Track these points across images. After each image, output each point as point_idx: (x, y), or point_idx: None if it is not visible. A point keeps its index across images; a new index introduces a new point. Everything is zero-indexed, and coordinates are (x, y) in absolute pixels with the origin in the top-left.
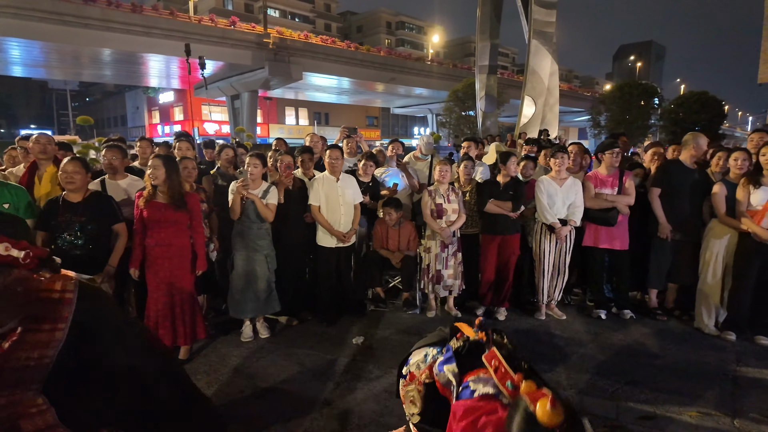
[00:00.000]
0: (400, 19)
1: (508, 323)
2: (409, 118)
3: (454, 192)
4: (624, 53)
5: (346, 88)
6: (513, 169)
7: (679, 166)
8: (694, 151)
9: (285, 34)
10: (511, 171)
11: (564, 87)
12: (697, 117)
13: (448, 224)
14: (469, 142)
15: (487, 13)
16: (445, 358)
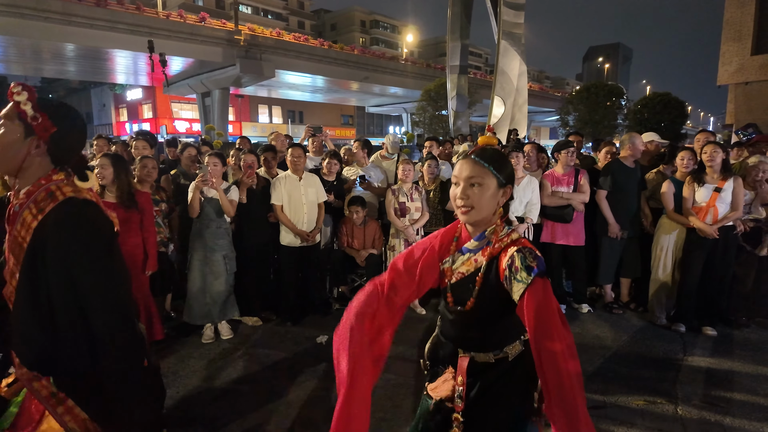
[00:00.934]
0: (374, 17)
1: None
2: (385, 117)
3: (417, 191)
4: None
5: (320, 87)
6: None
7: (620, 166)
8: (630, 150)
9: (257, 31)
10: None
11: (535, 87)
12: (660, 117)
13: (411, 222)
14: (431, 141)
15: (457, 14)
16: None
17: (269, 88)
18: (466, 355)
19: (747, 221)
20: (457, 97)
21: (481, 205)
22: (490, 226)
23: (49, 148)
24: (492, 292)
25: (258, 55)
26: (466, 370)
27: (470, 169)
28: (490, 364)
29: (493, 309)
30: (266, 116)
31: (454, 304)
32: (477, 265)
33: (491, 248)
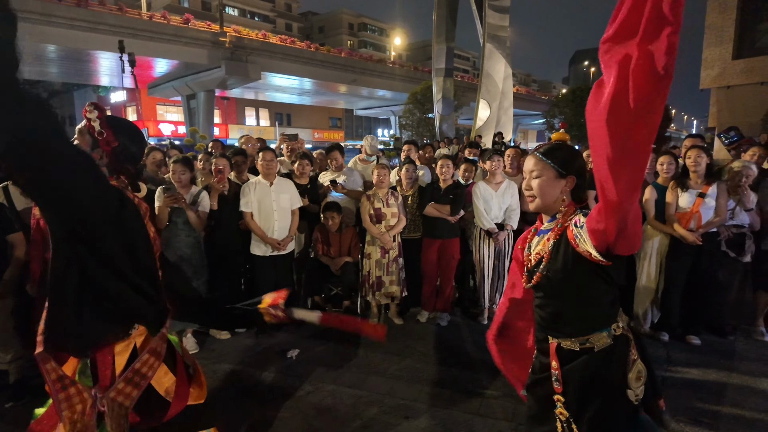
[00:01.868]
0: (362, 20)
1: (451, 329)
2: (373, 120)
3: (394, 196)
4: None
5: (308, 89)
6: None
7: None
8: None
9: (242, 33)
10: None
11: (522, 91)
12: None
13: (387, 229)
14: (409, 145)
15: (443, 17)
16: None
17: (256, 90)
18: (554, 341)
19: (730, 227)
20: (442, 100)
21: (542, 194)
22: (560, 211)
23: (110, 160)
24: (563, 264)
25: (244, 57)
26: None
27: (531, 163)
28: (576, 353)
29: (564, 285)
30: (253, 119)
31: (526, 284)
32: (548, 244)
33: (560, 225)
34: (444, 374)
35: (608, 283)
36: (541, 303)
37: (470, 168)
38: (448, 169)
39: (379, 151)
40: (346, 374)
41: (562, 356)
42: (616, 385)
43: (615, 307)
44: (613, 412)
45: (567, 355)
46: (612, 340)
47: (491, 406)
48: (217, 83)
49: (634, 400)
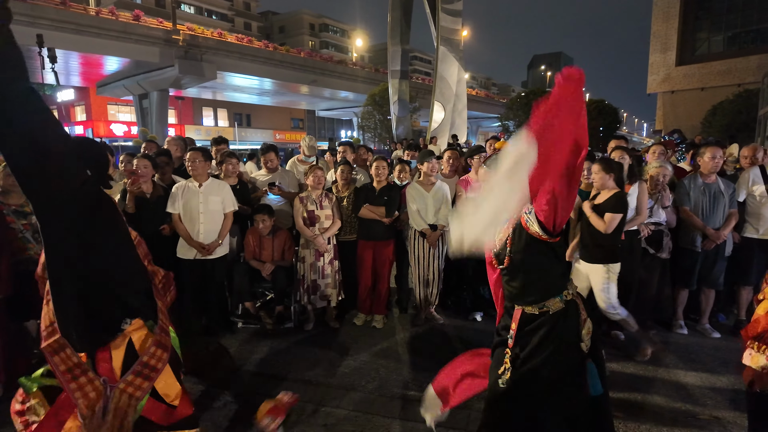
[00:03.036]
0: (323, 21)
1: (387, 331)
2: (335, 121)
3: (328, 198)
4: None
5: (268, 89)
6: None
7: None
8: None
9: (197, 30)
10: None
11: (481, 94)
12: (596, 123)
13: (321, 231)
14: (345, 146)
15: (397, 19)
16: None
17: (214, 90)
18: (519, 308)
19: (649, 224)
20: (398, 102)
21: None
22: None
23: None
24: (521, 246)
25: (198, 56)
26: (519, 320)
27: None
28: (536, 316)
29: (526, 263)
30: (211, 119)
31: (498, 265)
32: (508, 231)
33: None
34: (374, 377)
35: (558, 258)
36: (509, 279)
37: (405, 169)
38: (383, 170)
39: (317, 152)
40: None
41: (524, 320)
42: (571, 339)
43: (565, 278)
44: (568, 357)
45: (528, 318)
46: (564, 304)
47: (414, 410)
48: (170, 82)
49: (585, 349)
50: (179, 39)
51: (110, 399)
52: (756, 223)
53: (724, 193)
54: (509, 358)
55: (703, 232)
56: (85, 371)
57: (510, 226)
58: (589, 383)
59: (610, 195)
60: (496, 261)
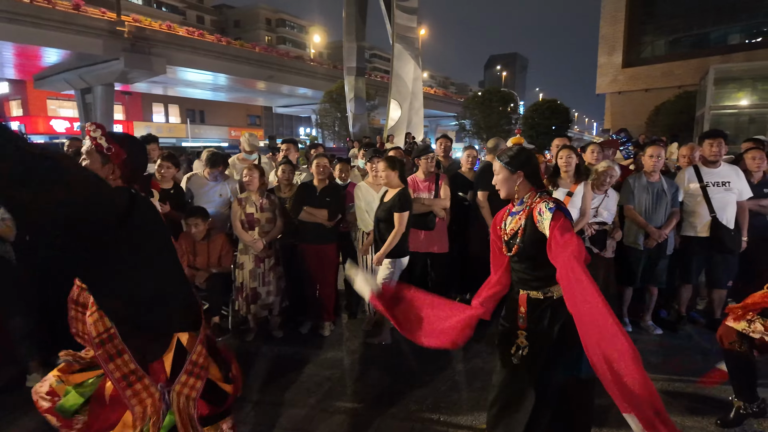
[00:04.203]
0: (280, 16)
1: (334, 338)
2: (294, 118)
3: (269, 199)
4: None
5: (223, 85)
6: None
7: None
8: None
9: (143, 22)
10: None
11: (440, 93)
12: (549, 122)
13: (261, 235)
14: (288, 144)
15: (352, 15)
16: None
17: (165, 85)
18: (524, 292)
19: (593, 224)
20: (355, 100)
21: (503, 187)
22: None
23: (123, 172)
24: (531, 238)
25: (146, 49)
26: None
27: (495, 165)
28: (541, 300)
29: (534, 252)
30: (162, 115)
31: (509, 251)
32: (520, 222)
33: (529, 207)
34: (316, 391)
35: None
36: (516, 266)
37: (345, 168)
38: (326, 168)
39: (258, 149)
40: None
41: (530, 304)
42: (571, 323)
43: None
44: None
45: (534, 302)
46: None
47: (359, 425)
48: (116, 76)
49: None
50: (125, 31)
51: (170, 403)
52: (693, 221)
53: (667, 192)
54: (525, 337)
55: (646, 231)
56: (140, 377)
57: (523, 217)
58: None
59: (395, 194)
60: (506, 248)
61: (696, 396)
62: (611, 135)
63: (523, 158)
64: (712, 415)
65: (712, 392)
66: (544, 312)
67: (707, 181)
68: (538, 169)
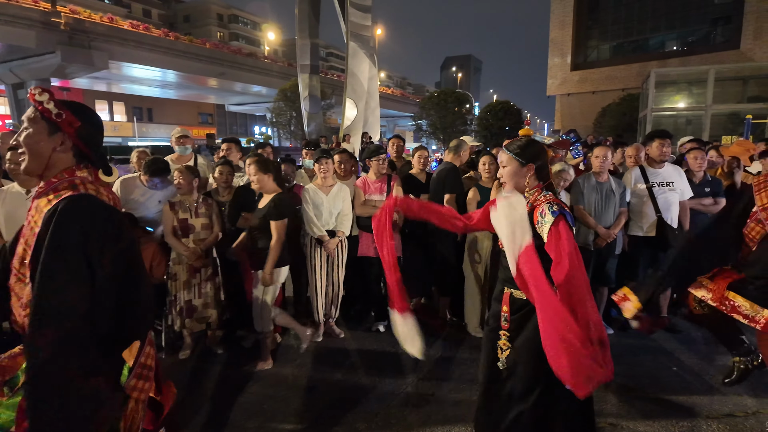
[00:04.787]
0: (232, 12)
1: (281, 351)
2: (249, 117)
3: (206, 203)
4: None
5: (172, 82)
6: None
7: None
8: (457, 155)
9: (82, 14)
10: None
11: (397, 93)
12: (502, 123)
13: (197, 243)
14: (229, 143)
15: (305, 11)
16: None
17: (108, 81)
18: (508, 291)
19: None
20: (309, 98)
21: (511, 179)
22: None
23: (74, 143)
24: None
25: (86, 42)
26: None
27: (502, 156)
28: (524, 301)
29: None
30: (106, 113)
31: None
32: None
33: (530, 205)
34: (258, 412)
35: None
36: (505, 262)
37: (290, 169)
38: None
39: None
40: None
41: (512, 303)
42: None
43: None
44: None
45: (517, 302)
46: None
47: None
48: (51, 71)
49: None
50: (60, 22)
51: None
52: (640, 221)
53: (615, 191)
54: (507, 339)
55: (596, 231)
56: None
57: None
58: None
59: (269, 199)
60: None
61: (650, 399)
62: (561, 135)
63: (534, 151)
64: (665, 417)
65: (666, 395)
66: (528, 313)
67: (652, 182)
68: (548, 164)
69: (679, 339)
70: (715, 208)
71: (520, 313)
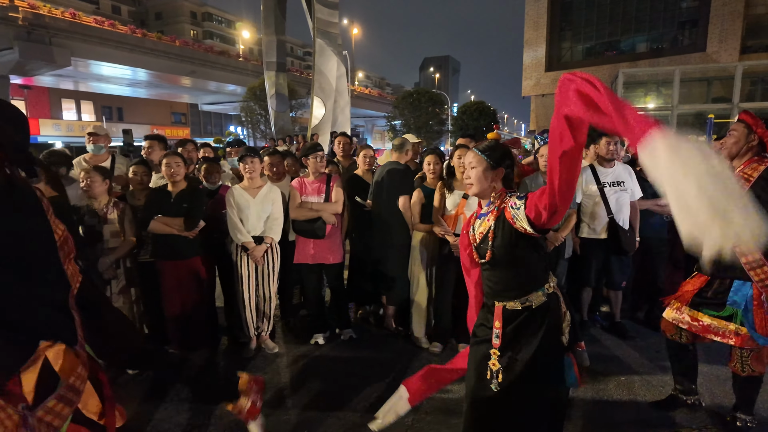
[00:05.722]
0: (206, 10)
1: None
2: (224, 116)
3: (117, 208)
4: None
5: (143, 80)
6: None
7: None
8: (403, 154)
9: (42, 9)
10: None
11: (374, 93)
12: (477, 123)
13: (106, 252)
14: (151, 141)
15: (270, 7)
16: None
17: (75, 79)
18: (500, 304)
19: None
20: (276, 96)
21: (479, 182)
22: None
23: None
24: (505, 240)
25: (46, 38)
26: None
27: (471, 157)
28: (519, 311)
29: (509, 257)
30: (73, 113)
31: (479, 259)
32: (489, 224)
33: (497, 208)
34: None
35: (540, 252)
36: (490, 274)
37: (213, 169)
38: (177, 168)
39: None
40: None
41: (506, 316)
42: (553, 332)
43: (546, 272)
44: (552, 351)
45: (511, 314)
46: (546, 297)
47: None
48: (10, 68)
49: (564, 342)
50: (18, 17)
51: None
52: (591, 223)
53: None
54: (497, 358)
55: None
56: None
57: (491, 219)
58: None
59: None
60: (477, 255)
61: (599, 402)
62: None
63: (504, 153)
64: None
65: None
66: (522, 324)
67: (603, 182)
68: (514, 170)
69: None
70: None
71: (513, 324)
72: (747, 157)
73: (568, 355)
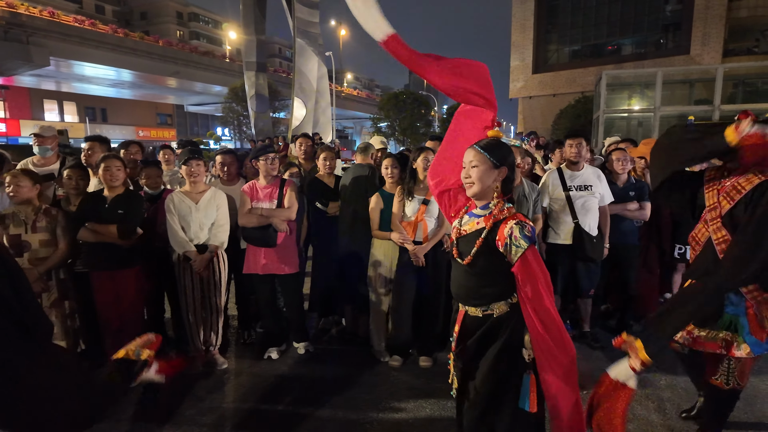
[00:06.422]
0: (192, 10)
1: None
2: (210, 117)
3: (48, 215)
4: None
5: (127, 81)
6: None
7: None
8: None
9: (19, 7)
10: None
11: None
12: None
13: (34, 264)
14: (92, 143)
15: (249, 6)
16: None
17: (56, 79)
18: (462, 309)
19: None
20: (256, 97)
21: (479, 181)
22: (492, 201)
23: None
24: (487, 251)
25: (23, 37)
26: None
27: (472, 155)
28: (479, 319)
29: (485, 267)
30: (55, 114)
31: (458, 257)
32: (479, 227)
33: (494, 217)
34: None
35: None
36: (461, 275)
37: (153, 173)
38: (117, 171)
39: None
40: None
41: (466, 322)
42: (514, 345)
43: (513, 284)
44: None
45: (471, 321)
46: (509, 307)
47: None
48: None
49: (527, 358)
50: None
51: None
52: (557, 228)
53: (528, 197)
54: (453, 362)
55: None
56: None
57: (484, 225)
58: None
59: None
60: (458, 255)
61: None
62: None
63: (506, 152)
64: None
65: None
66: (480, 332)
67: (570, 185)
68: (514, 173)
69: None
70: (642, 214)
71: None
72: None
73: (529, 373)
